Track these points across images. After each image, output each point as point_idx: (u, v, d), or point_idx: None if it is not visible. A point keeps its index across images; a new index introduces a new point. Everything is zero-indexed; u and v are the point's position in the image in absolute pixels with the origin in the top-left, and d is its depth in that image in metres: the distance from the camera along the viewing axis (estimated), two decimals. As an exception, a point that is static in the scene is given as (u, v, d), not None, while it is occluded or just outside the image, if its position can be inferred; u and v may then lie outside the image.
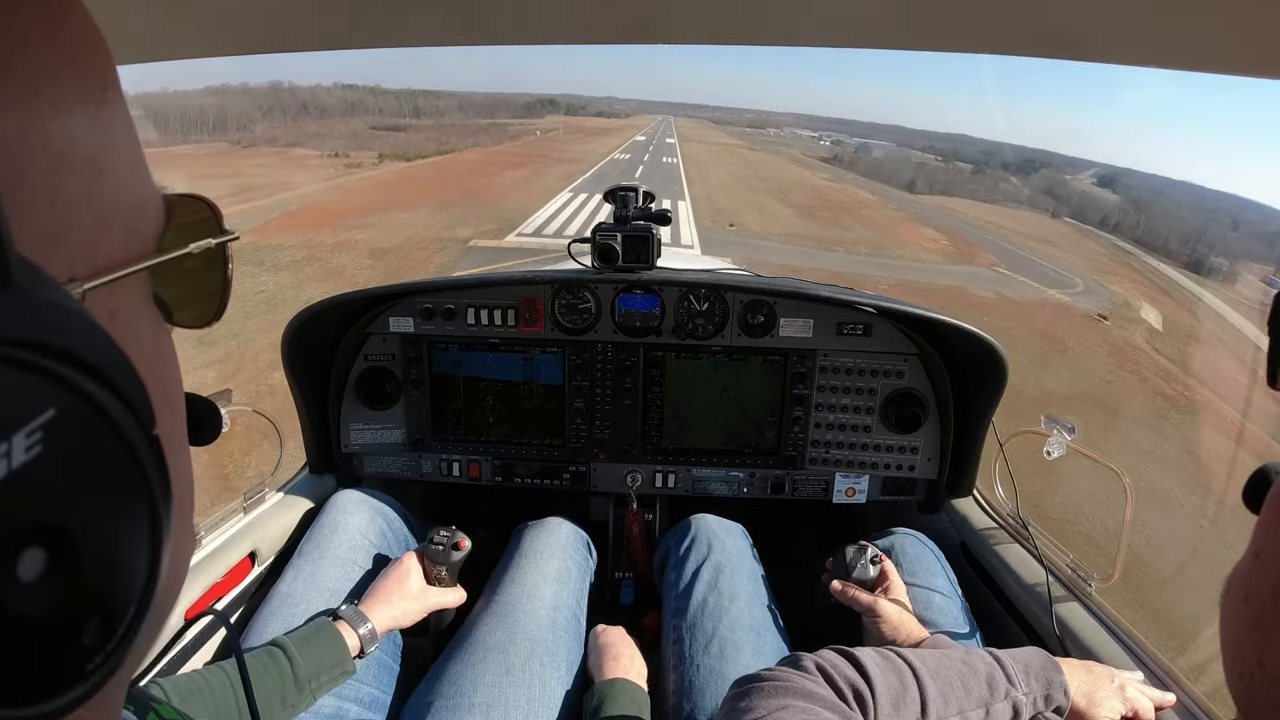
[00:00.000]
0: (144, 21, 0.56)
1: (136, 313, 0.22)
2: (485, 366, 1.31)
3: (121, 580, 0.17)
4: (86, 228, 0.20)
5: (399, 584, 0.96)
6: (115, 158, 0.21)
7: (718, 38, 0.77)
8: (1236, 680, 0.27)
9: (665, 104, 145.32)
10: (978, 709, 0.61)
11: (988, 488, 1.25)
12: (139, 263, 0.22)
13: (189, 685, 0.74)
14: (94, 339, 0.16)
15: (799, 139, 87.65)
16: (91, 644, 0.16)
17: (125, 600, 0.17)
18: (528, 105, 67.32)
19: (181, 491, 0.24)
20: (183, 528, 0.25)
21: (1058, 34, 0.65)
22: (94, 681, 0.17)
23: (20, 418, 0.14)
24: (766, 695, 0.54)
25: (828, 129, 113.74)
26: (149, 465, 0.17)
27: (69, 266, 0.19)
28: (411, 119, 39.73)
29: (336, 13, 0.62)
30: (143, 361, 0.22)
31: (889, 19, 0.68)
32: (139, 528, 0.18)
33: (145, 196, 0.23)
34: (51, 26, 0.19)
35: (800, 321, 1.26)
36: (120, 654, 0.17)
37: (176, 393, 0.25)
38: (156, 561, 0.18)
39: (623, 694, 0.84)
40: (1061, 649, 0.92)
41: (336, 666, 0.84)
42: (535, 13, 0.69)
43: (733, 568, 1.07)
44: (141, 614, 0.18)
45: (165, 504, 0.18)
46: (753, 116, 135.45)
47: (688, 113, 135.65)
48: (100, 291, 0.20)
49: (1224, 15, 0.51)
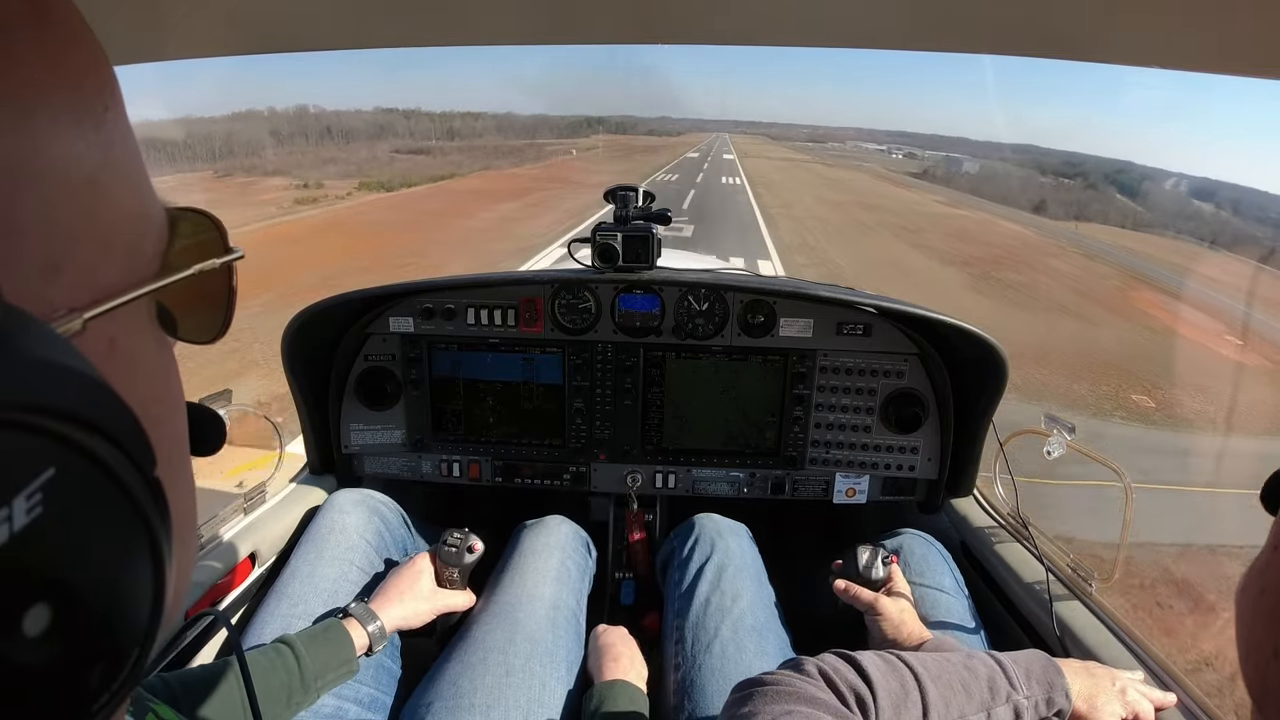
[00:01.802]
0: (151, 20, 0.55)
1: (139, 334, 0.22)
2: (485, 367, 1.31)
3: (126, 623, 0.17)
4: (86, 253, 0.19)
5: (412, 583, 0.96)
6: (116, 177, 0.21)
7: (717, 37, 0.76)
8: (1252, 671, 0.28)
9: (718, 122, 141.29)
10: (979, 713, 0.61)
11: (988, 488, 1.25)
12: (141, 284, 0.21)
13: (193, 681, 0.74)
14: (89, 390, 0.16)
15: (866, 152, 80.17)
16: (97, 686, 0.16)
17: (130, 642, 0.17)
18: (572, 125, 61.03)
19: (183, 510, 0.24)
20: (184, 548, 0.25)
21: (1059, 34, 0.65)
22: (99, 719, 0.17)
23: (19, 480, 0.14)
24: (769, 700, 0.54)
25: (890, 141, 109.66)
26: (149, 510, 0.17)
27: (69, 295, 0.18)
28: (443, 141, 37.91)
29: (346, 12, 0.62)
30: (145, 383, 0.22)
31: (889, 19, 0.67)
32: (142, 570, 0.18)
33: (147, 213, 0.23)
34: (47, 42, 0.19)
35: (800, 321, 1.26)
36: (125, 691, 0.17)
37: (178, 408, 0.25)
38: (160, 598, 0.18)
39: (622, 695, 0.84)
40: (1062, 649, 0.92)
41: (343, 666, 0.84)
42: (536, 13, 0.69)
43: (736, 568, 1.07)
44: (146, 652, 0.18)
45: (167, 540, 0.18)
46: (809, 131, 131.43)
47: (741, 130, 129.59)
48: (101, 319, 0.19)
49: (1224, 15, 0.51)
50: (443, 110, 59.26)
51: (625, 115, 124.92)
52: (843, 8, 0.65)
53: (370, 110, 42.40)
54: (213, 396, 1.05)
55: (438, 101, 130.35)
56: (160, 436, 0.22)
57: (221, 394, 1.06)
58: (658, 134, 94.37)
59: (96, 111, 0.20)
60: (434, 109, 66.75)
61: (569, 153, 36.40)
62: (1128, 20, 0.56)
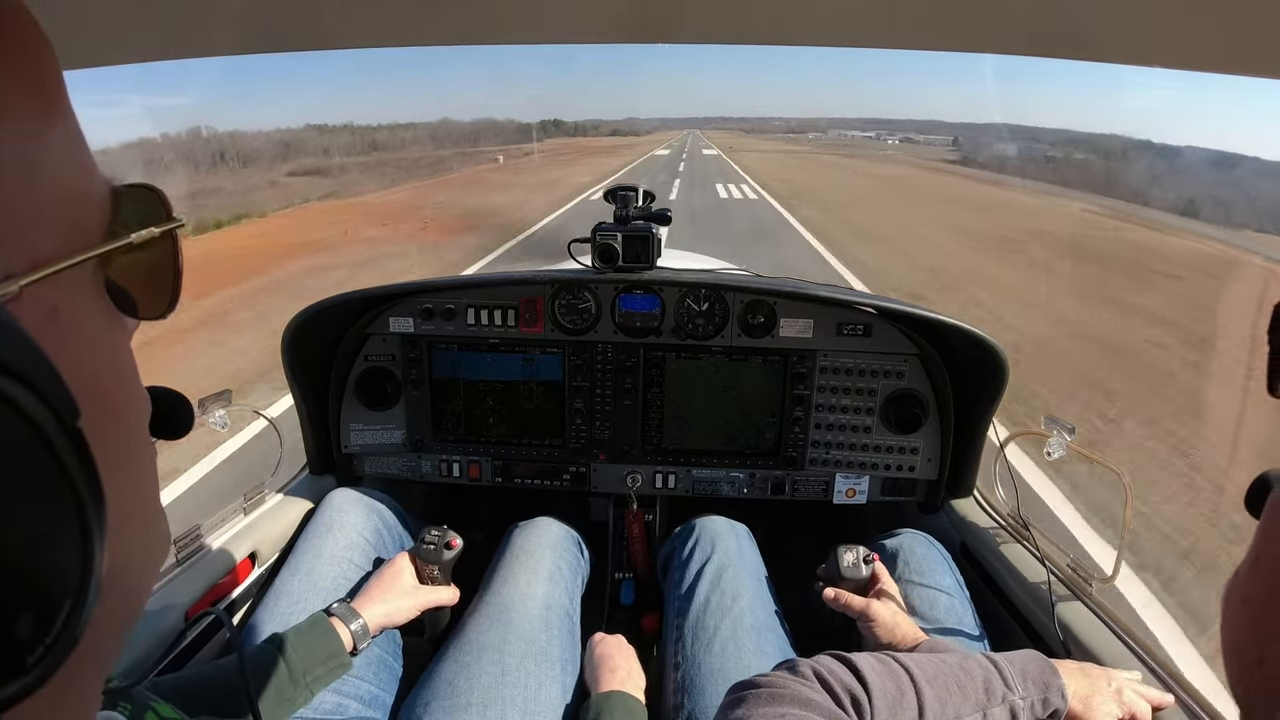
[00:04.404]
0: (115, 21, 0.56)
1: (83, 307, 0.22)
2: (485, 367, 1.31)
3: (50, 575, 0.17)
4: (24, 224, 0.20)
5: (392, 582, 0.97)
6: (54, 154, 0.21)
7: (717, 37, 0.76)
8: (1236, 681, 0.28)
9: (687, 119, 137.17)
10: (974, 713, 0.61)
11: (988, 488, 1.25)
12: (82, 254, 0.22)
13: (193, 679, 0.75)
14: (5, 335, 0.16)
15: (857, 140, 75.52)
16: (27, 638, 0.17)
17: (59, 595, 0.17)
18: (522, 130, 52.86)
19: (141, 486, 0.25)
20: (146, 526, 0.25)
21: (1060, 34, 0.65)
22: (36, 674, 0.17)
23: None
24: (763, 701, 0.54)
25: (872, 128, 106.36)
26: (68, 458, 0.17)
27: (4, 263, 0.19)
28: (363, 155, 33.52)
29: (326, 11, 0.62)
30: (91, 354, 0.22)
31: (888, 18, 0.67)
32: (64, 522, 0.18)
33: (89, 190, 0.23)
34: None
35: (800, 322, 1.25)
36: (62, 648, 0.17)
37: (131, 387, 0.25)
38: (89, 557, 0.18)
39: (619, 707, 0.84)
40: (1063, 649, 0.92)
41: (331, 659, 0.84)
42: (535, 13, 0.69)
43: (736, 568, 1.07)
44: (79, 608, 0.18)
45: (92, 497, 0.18)
46: (783, 124, 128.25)
47: (713, 126, 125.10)
48: (41, 286, 0.20)
49: (1225, 15, 0.50)
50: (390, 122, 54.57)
51: (589, 119, 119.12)
52: (843, 8, 0.65)
53: (273, 130, 37.24)
54: (213, 396, 1.06)
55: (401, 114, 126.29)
56: (110, 408, 0.22)
57: (221, 394, 1.07)
58: (622, 133, 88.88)
59: (38, 94, 0.21)
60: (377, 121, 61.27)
61: (496, 160, 31.44)
62: (1131, 20, 0.56)
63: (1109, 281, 7.78)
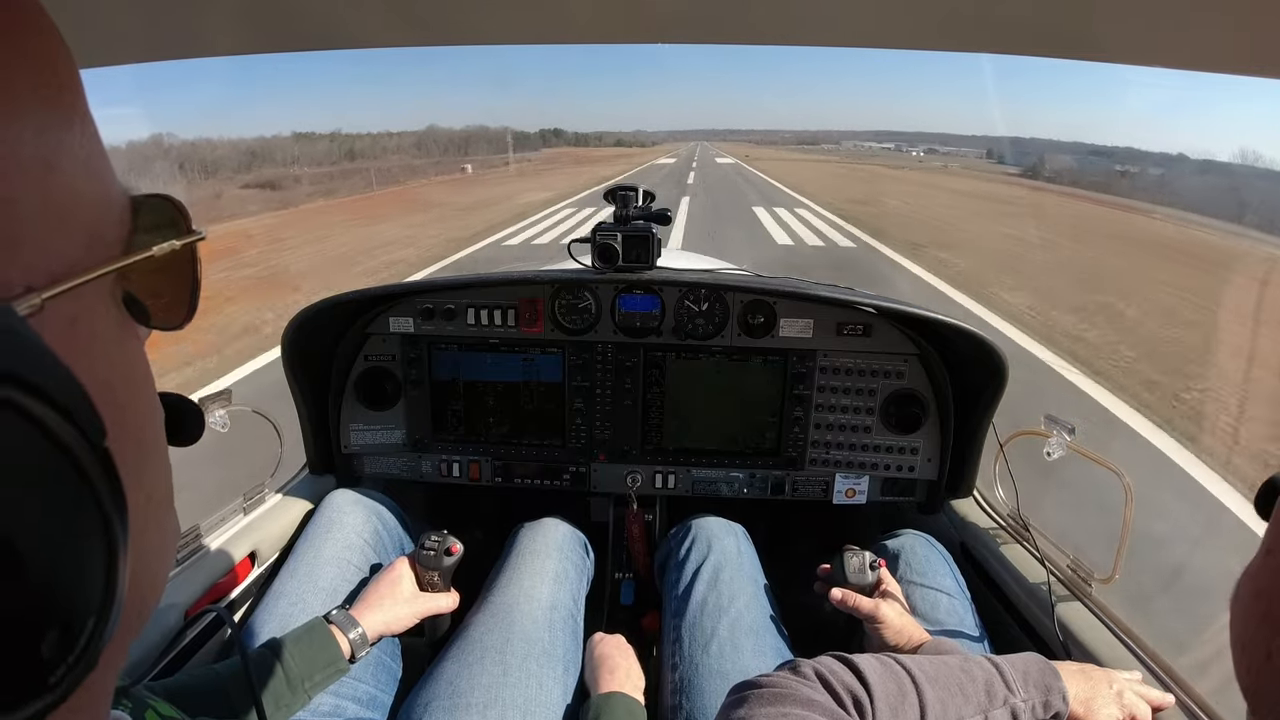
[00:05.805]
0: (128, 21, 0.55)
1: (100, 317, 0.22)
2: (485, 367, 1.31)
3: (76, 593, 0.17)
4: (44, 234, 0.19)
5: (391, 589, 0.96)
6: (75, 161, 0.21)
7: (717, 37, 0.76)
8: (1245, 675, 0.28)
9: (694, 131, 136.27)
10: (976, 716, 0.61)
11: (988, 488, 1.25)
12: (103, 267, 0.21)
13: (193, 678, 0.75)
14: (28, 354, 0.16)
15: (874, 152, 73.43)
16: (51, 656, 0.16)
17: (83, 612, 0.17)
18: (520, 138, 50.86)
19: (156, 494, 0.24)
20: (159, 531, 0.25)
21: (1060, 34, 0.65)
22: (60, 692, 0.17)
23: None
24: (765, 702, 0.54)
25: (883, 140, 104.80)
26: (96, 478, 0.17)
27: (25, 274, 0.18)
28: (324, 167, 31.67)
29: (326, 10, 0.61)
30: (106, 364, 0.22)
31: (888, 18, 0.67)
32: (91, 541, 0.17)
33: (108, 199, 0.23)
34: (5, 28, 0.19)
35: (800, 322, 1.25)
36: (85, 664, 0.17)
37: (146, 396, 0.25)
38: (113, 573, 0.18)
39: (619, 708, 0.84)
40: (1063, 649, 0.92)
41: (330, 666, 0.84)
42: (534, 13, 0.69)
43: (733, 568, 1.07)
44: (103, 625, 0.18)
45: (118, 515, 0.18)
46: (793, 135, 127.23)
47: (720, 138, 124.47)
48: (61, 298, 0.19)
49: (1224, 15, 0.50)
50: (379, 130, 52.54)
51: (596, 130, 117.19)
52: (843, 7, 0.65)
53: (254, 138, 35.27)
54: (214, 396, 1.06)
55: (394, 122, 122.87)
56: (126, 418, 0.22)
57: (222, 394, 1.06)
58: (626, 144, 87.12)
59: (50, 92, 0.20)
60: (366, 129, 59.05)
61: (462, 170, 30.06)
62: (1134, 18, 0.56)
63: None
